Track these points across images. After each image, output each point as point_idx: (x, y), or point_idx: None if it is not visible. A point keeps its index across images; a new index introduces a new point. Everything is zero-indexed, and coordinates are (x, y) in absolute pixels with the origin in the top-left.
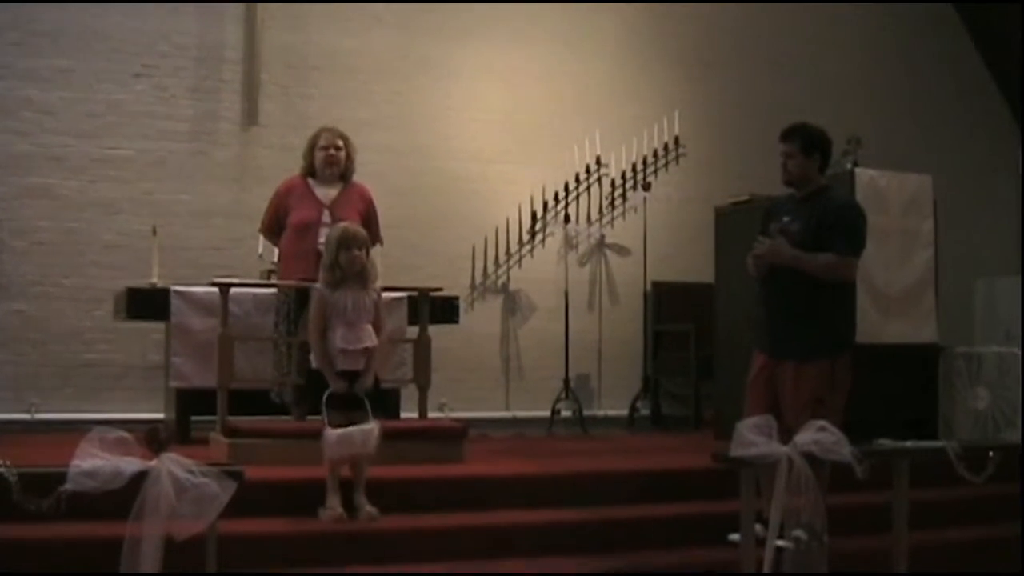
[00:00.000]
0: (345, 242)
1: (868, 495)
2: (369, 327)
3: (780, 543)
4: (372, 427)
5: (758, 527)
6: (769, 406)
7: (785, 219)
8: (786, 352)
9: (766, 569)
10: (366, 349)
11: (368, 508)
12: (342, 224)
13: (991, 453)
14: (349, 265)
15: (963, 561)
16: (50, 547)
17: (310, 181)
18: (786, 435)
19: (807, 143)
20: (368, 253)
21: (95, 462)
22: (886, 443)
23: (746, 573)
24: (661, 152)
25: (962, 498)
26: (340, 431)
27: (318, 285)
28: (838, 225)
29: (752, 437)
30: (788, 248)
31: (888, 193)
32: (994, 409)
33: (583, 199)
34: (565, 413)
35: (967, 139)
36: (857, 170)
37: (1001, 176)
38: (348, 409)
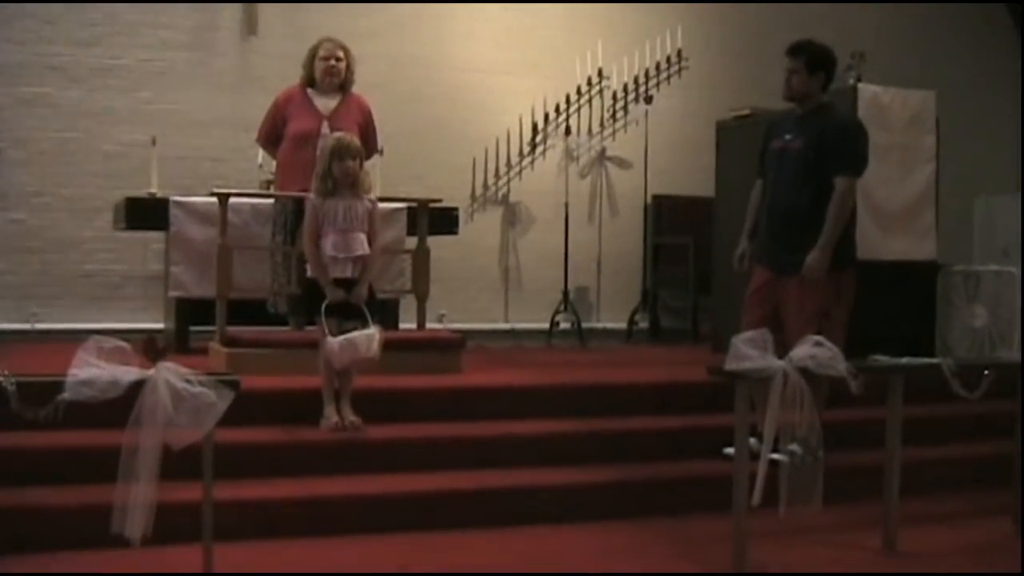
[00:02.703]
0: (339, 152)
1: (864, 410)
2: (362, 236)
3: (775, 456)
4: (373, 332)
5: (753, 441)
6: (767, 321)
7: (787, 136)
8: (790, 267)
9: (759, 483)
10: (358, 257)
11: (352, 418)
12: (336, 134)
13: (986, 372)
14: (342, 175)
15: (956, 478)
16: (48, 455)
17: (309, 91)
18: (785, 350)
19: (813, 60)
20: (362, 164)
21: (92, 371)
22: (882, 359)
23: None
24: (664, 65)
25: (956, 415)
26: (342, 337)
27: (311, 195)
28: (840, 145)
29: (748, 351)
30: (816, 259)
31: (891, 109)
32: (991, 327)
33: (584, 111)
34: (564, 325)
35: (970, 55)
36: (860, 86)
37: (1003, 93)
38: (345, 318)
